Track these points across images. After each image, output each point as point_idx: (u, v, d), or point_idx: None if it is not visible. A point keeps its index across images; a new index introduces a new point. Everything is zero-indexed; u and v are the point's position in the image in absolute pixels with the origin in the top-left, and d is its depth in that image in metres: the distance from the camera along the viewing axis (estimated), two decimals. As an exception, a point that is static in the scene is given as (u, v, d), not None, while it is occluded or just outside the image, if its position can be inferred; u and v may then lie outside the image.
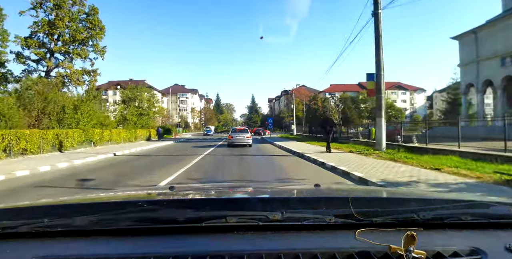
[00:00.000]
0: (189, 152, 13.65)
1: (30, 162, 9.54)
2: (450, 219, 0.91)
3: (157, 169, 8.19)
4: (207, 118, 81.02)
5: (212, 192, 1.51)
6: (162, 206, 0.92)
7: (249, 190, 1.54)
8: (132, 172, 7.76)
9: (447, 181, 5.19)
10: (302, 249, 0.74)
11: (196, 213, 0.86)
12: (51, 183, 6.24)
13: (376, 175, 6.02)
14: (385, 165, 7.59)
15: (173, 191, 1.28)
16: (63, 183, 6.26)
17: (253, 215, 0.86)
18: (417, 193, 1.48)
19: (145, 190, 1.79)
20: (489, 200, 1.01)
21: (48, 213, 0.88)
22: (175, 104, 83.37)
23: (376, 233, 0.82)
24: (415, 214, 0.89)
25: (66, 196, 1.41)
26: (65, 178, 6.92)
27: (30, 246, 0.78)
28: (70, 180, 6.59)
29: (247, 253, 0.72)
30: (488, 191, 4.39)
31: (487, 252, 0.74)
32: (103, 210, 0.89)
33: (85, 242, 0.80)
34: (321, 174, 7.19)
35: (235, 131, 18.03)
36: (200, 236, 0.82)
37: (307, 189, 1.51)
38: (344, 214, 0.87)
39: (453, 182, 5.11)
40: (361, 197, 1.21)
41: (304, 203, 1.06)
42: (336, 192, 1.51)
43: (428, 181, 5.27)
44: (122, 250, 0.75)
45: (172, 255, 0.71)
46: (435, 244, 0.78)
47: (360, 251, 0.73)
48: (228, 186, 2.04)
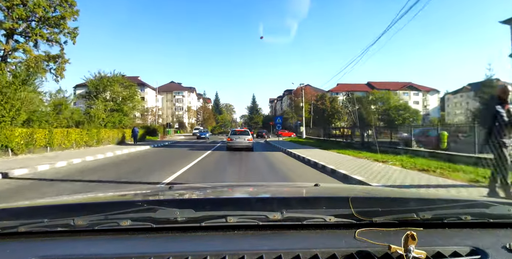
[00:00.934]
0: (155, 169, 8.46)
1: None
2: (450, 219, 0.92)
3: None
4: (204, 118, 75.06)
5: (212, 192, 1.50)
6: (162, 206, 0.91)
7: (249, 190, 1.54)
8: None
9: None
10: (302, 249, 0.75)
11: (196, 213, 0.86)
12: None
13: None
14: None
15: (173, 191, 1.28)
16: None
17: (253, 215, 0.87)
18: (417, 193, 1.48)
19: (145, 190, 1.81)
20: (489, 200, 1.02)
21: (48, 213, 0.88)
22: (170, 103, 77.27)
23: (376, 233, 0.84)
24: (415, 214, 0.90)
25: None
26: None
27: (30, 246, 0.79)
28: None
29: (247, 253, 0.73)
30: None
31: (487, 252, 0.76)
32: (103, 210, 0.89)
33: (85, 242, 0.81)
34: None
35: (235, 133, 16.29)
36: (200, 236, 0.83)
37: (307, 189, 1.51)
38: (344, 214, 0.88)
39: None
40: (361, 197, 1.21)
41: (304, 203, 1.07)
42: (336, 192, 1.52)
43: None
44: (122, 250, 0.76)
45: (172, 255, 0.72)
46: (435, 244, 0.79)
47: (360, 251, 0.75)
48: (228, 185, 1.97)
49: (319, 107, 54.60)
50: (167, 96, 79.59)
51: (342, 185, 3.15)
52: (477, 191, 5.08)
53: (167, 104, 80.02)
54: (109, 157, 12.04)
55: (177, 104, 78.77)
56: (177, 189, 1.35)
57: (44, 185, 6.19)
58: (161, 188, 2.40)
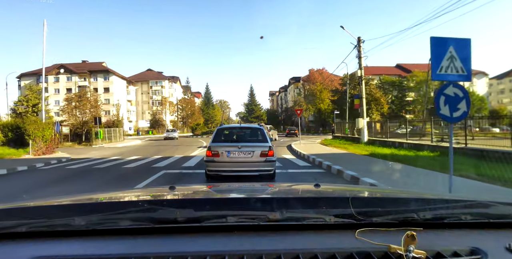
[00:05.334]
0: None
1: None
2: (450, 219, 0.96)
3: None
4: (188, 114, 56.73)
5: (212, 192, 1.51)
6: (162, 206, 0.95)
7: (249, 190, 1.57)
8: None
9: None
10: (302, 249, 0.79)
11: (196, 213, 0.90)
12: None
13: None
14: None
15: (173, 191, 1.31)
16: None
17: (253, 215, 0.91)
18: (417, 193, 1.46)
19: (145, 190, 1.83)
20: (489, 200, 1.06)
21: (48, 213, 0.92)
22: (146, 96, 59.20)
23: (376, 233, 0.87)
24: (415, 214, 0.94)
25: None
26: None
27: (30, 246, 0.82)
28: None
29: (247, 253, 0.76)
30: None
31: (487, 252, 0.78)
32: (103, 210, 0.92)
33: (85, 242, 0.84)
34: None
35: (232, 133, 7.41)
36: (200, 236, 0.87)
37: (307, 189, 1.54)
38: (344, 214, 0.92)
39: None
40: (361, 197, 1.25)
41: (304, 203, 1.10)
42: (336, 192, 1.52)
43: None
44: (122, 250, 0.80)
45: (171, 255, 0.75)
46: (435, 244, 0.83)
47: (360, 251, 0.78)
48: (228, 186, 1.97)
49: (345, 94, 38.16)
50: (142, 87, 61.96)
51: (342, 186, 3.06)
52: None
53: (142, 97, 62.02)
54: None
55: (154, 97, 61.19)
56: (177, 189, 1.34)
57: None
58: (161, 188, 2.24)
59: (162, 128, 55.20)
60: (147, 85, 65.77)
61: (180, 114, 63.43)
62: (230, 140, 7.06)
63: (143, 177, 7.92)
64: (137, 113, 64.97)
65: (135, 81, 65.25)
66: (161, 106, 61.28)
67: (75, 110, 25.60)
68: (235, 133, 7.40)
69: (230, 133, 7.47)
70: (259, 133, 7.04)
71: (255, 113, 71.15)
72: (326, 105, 47.97)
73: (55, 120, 22.60)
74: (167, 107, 61.15)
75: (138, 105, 65.53)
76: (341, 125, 26.27)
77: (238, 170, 6.26)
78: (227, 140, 7.01)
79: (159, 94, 64.77)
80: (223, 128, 7.53)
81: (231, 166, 6.29)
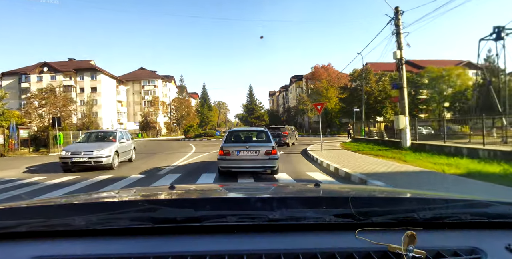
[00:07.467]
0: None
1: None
2: (450, 218, 0.97)
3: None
4: (182, 115, 52.26)
5: (212, 192, 1.51)
6: (162, 205, 0.96)
7: (249, 190, 1.56)
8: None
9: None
10: (302, 249, 0.80)
11: (196, 213, 0.92)
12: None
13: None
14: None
15: (172, 190, 1.31)
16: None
17: (253, 215, 0.92)
18: (417, 193, 1.45)
19: (145, 190, 1.84)
20: (489, 200, 1.07)
21: (48, 213, 0.93)
22: (138, 96, 54.82)
23: (376, 232, 0.88)
24: (415, 214, 0.95)
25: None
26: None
27: (29, 246, 0.84)
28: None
29: (247, 253, 0.78)
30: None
31: (487, 252, 0.79)
32: (103, 210, 0.94)
33: (85, 242, 0.86)
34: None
35: (238, 136, 8.66)
36: (200, 236, 0.88)
37: (308, 188, 1.53)
38: (344, 214, 0.93)
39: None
40: (361, 197, 1.25)
41: (304, 203, 1.10)
42: (336, 191, 1.52)
43: None
44: (122, 250, 0.81)
45: (171, 255, 0.77)
46: (434, 243, 0.84)
47: (360, 251, 0.80)
48: (228, 186, 2.02)
49: (357, 91, 34.27)
50: (134, 87, 57.80)
51: (342, 185, 3.06)
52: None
53: (134, 98, 57.66)
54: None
55: (147, 97, 56.97)
56: (177, 189, 1.35)
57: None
58: (161, 187, 2.25)
59: (154, 130, 51.18)
60: (139, 84, 63.05)
61: (173, 115, 60.40)
62: (239, 141, 8.26)
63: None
64: (128, 115, 61.57)
65: (126, 80, 61.69)
66: (153, 107, 57.64)
67: (38, 110, 21.55)
68: (243, 135, 8.75)
69: (239, 135, 8.72)
70: (264, 134, 8.45)
71: (255, 113, 66.37)
72: (333, 103, 43.96)
73: (12, 122, 18.50)
74: (158, 107, 57.55)
75: (129, 106, 61.91)
76: (361, 125, 22.47)
77: (246, 167, 7.62)
78: (237, 141, 8.25)
79: (152, 94, 61.46)
80: (233, 131, 9.18)
81: (240, 163, 7.56)
